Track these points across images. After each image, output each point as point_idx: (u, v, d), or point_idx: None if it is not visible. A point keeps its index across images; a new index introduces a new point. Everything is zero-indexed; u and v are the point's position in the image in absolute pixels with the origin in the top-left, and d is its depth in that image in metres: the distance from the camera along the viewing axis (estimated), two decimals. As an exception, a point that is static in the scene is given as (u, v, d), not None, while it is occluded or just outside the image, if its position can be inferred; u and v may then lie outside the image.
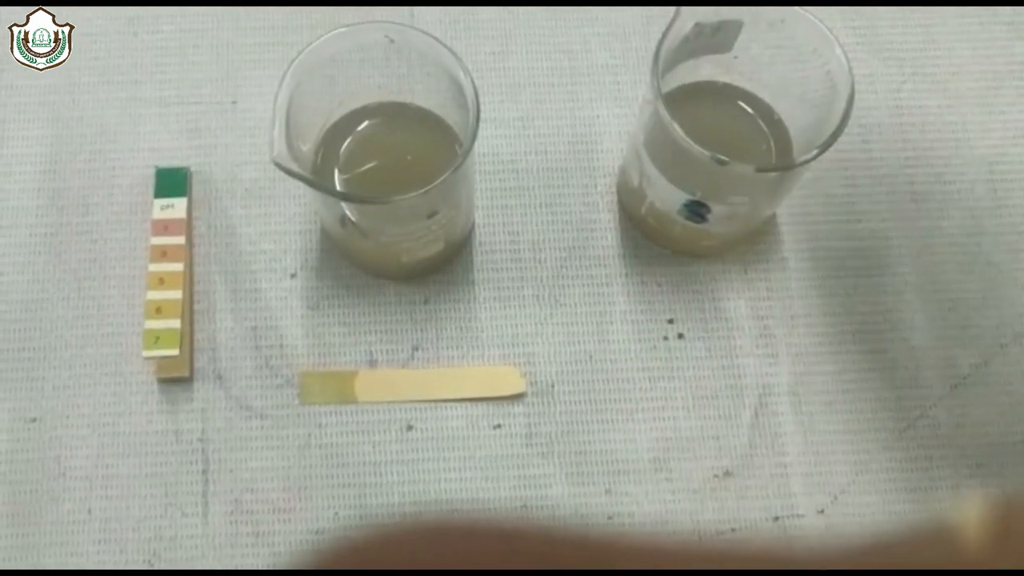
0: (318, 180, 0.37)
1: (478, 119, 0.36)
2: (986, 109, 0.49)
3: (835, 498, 0.42)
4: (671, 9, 0.38)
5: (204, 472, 0.42)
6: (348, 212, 0.40)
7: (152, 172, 0.45)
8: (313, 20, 0.49)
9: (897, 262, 0.46)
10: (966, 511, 0.17)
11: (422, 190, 0.35)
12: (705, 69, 0.42)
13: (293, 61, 0.37)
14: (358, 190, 0.41)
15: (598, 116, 0.48)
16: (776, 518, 0.42)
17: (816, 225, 0.47)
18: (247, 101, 0.48)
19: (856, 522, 0.42)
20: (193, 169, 0.46)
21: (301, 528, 0.41)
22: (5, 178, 0.46)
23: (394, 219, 0.39)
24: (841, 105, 0.37)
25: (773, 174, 0.39)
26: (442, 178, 0.35)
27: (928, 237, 0.47)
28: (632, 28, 0.50)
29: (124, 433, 0.42)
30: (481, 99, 0.37)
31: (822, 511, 0.42)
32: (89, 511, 0.41)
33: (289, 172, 0.35)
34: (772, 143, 0.42)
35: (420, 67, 0.40)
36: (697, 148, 0.36)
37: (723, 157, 0.36)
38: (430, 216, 0.39)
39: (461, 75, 0.37)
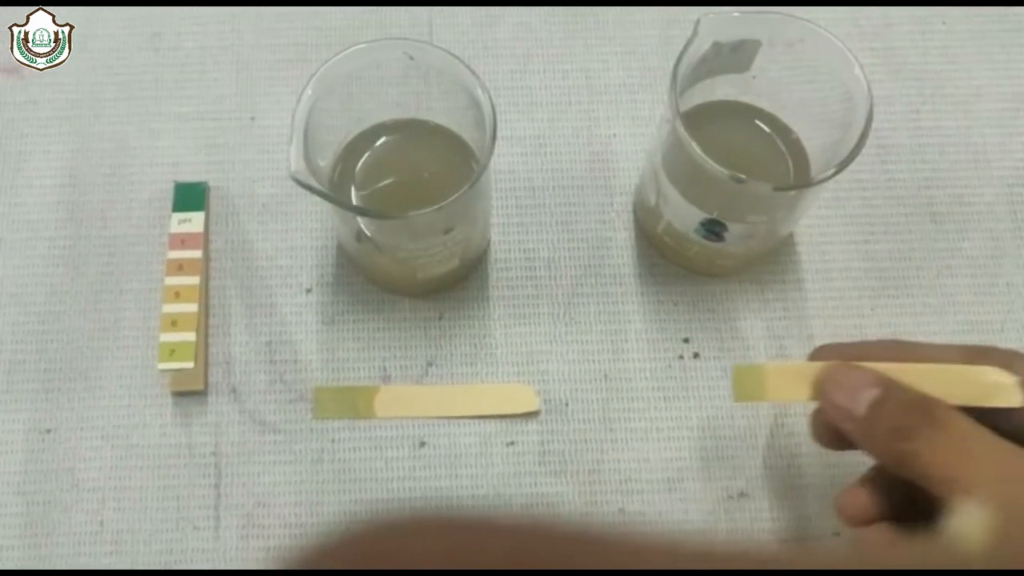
0: (335, 195, 0.37)
1: (495, 137, 0.36)
2: (1006, 131, 0.49)
3: (851, 521, 0.42)
4: (689, 29, 0.38)
5: (216, 486, 0.42)
6: (364, 227, 0.40)
7: (170, 187, 0.46)
8: (332, 39, 0.50)
9: (915, 283, 0.46)
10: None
11: (438, 206, 0.35)
12: (723, 88, 0.42)
13: (312, 76, 0.37)
14: (375, 206, 0.41)
15: (615, 135, 0.48)
16: (790, 540, 0.42)
17: (834, 245, 0.46)
18: (265, 118, 0.48)
19: (873, 546, 0.41)
20: (211, 184, 0.46)
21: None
22: (26, 191, 0.46)
23: (410, 235, 0.39)
24: (860, 125, 0.37)
25: (791, 193, 0.39)
26: (458, 194, 0.35)
27: (947, 258, 0.46)
28: (650, 47, 0.50)
29: (138, 445, 0.42)
30: (498, 117, 0.37)
31: (837, 534, 0.42)
32: (101, 523, 0.41)
33: (307, 187, 0.35)
34: (790, 163, 0.42)
35: (438, 84, 0.40)
36: (715, 166, 0.36)
37: (741, 176, 0.36)
38: (446, 232, 0.39)
39: (479, 93, 0.37)
